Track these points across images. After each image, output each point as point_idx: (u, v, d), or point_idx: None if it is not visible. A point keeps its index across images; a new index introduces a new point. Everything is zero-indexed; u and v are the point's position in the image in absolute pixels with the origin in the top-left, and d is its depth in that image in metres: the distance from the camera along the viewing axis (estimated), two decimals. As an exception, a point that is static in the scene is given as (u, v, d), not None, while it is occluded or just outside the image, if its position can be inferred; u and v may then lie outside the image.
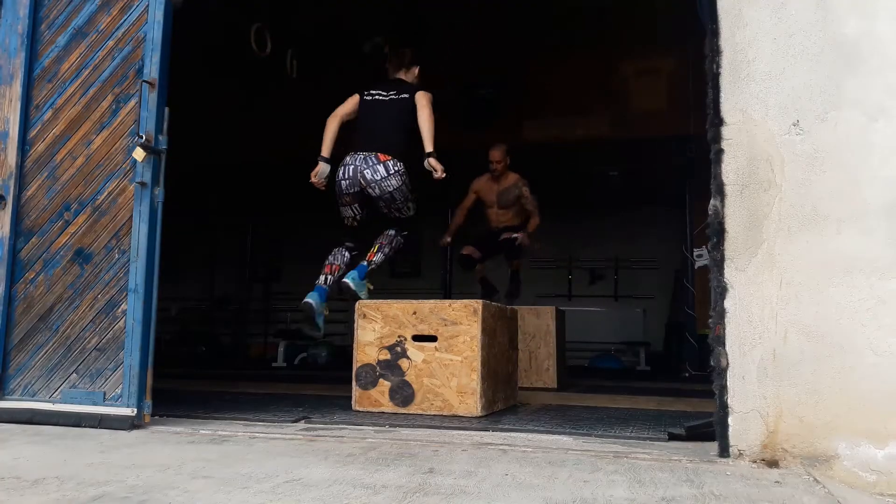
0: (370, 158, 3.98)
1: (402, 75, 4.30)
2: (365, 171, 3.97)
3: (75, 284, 3.23)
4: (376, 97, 4.16)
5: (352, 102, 4.23)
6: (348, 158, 4.06)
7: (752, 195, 2.45)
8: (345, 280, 3.93)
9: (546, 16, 7.63)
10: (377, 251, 4.04)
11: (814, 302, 2.36)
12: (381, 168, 3.94)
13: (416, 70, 4.34)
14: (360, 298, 3.86)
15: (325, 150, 4.16)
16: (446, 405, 3.52)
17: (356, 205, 4.08)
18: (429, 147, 4.02)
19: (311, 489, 1.96)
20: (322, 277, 4.07)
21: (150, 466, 2.26)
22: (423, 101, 4.07)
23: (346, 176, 4.03)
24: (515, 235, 6.07)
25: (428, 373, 3.57)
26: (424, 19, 7.89)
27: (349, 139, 4.12)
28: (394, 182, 3.97)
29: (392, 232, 4.11)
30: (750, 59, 2.52)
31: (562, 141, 8.29)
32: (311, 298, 3.97)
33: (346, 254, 4.11)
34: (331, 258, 4.14)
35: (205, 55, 7.45)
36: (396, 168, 3.98)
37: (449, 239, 6.31)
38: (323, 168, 4.14)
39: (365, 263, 3.99)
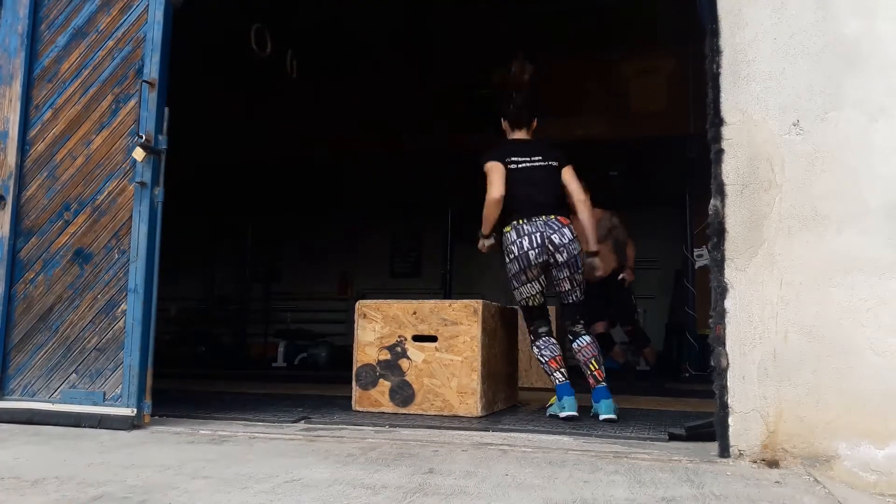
0: (553, 223, 3.57)
1: (525, 134, 3.90)
2: (552, 236, 3.55)
3: (75, 284, 3.23)
4: (522, 164, 3.71)
5: (501, 174, 3.67)
6: (526, 227, 3.57)
7: (752, 195, 2.45)
8: (610, 416, 3.44)
9: (546, 16, 7.63)
10: (599, 367, 3.59)
11: (814, 302, 2.36)
12: (566, 231, 3.57)
13: (535, 123, 3.97)
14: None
15: (488, 230, 3.72)
16: (446, 405, 3.52)
17: (542, 277, 3.61)
18: (592, 246, 3.75)
19: (311, 489, 1.96)
20: (558, 375, 3.59)
21: (150, 466, 2.25)
22: (573, 181, 3.73)
23: (534, 245, 3.53)
24: (622, 276, 5.75)
25: (428, 373, 3.57)
26: (425, 19, 7.89)
27: (503, 211, 3.66)
28: (578, 246, 3.60)
29: (589, 339, 3.64)
30: (750, 59, 2.52)
31: (562, 141, 8.28)
32: (571, 410, 3.46)
33: (553, 340, 3.66)
34: (547, 353, 3.64)
35: (205, 55, 7.44)
36: (575, 234, 3.62)
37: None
38: (490, 242, 3.76)
39: (603, 385, 3.55)
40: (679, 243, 8.59)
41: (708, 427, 2.60)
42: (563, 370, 3.60)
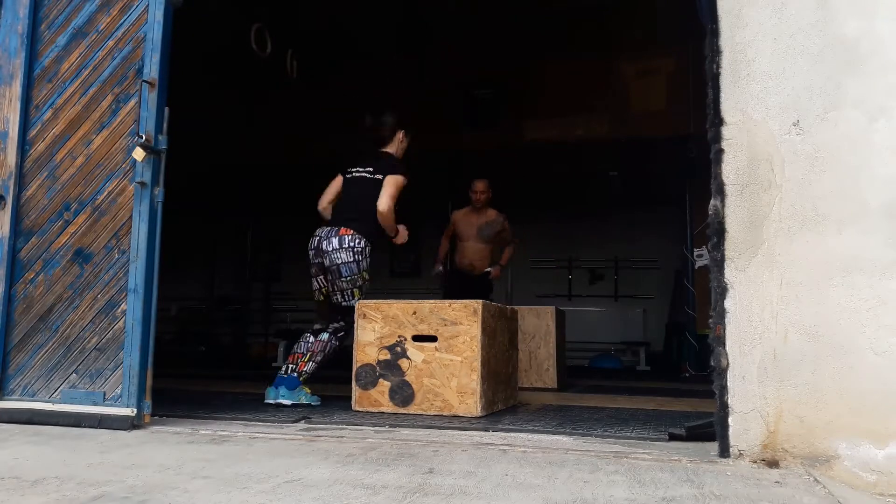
0: (331, 231, 4.03)
1: (386, 147, 4.32)
2: (323, 242, 4.00)
3: (75, 284, 3.23)
4: (354, 174, 4.23)
5: (336, 183, 4.32)
6: (318, 231, 4.11)
7: (752, 195, 2.45)
8: (278, 401, 3.78)
9: (546, 16, 7.63)
10: (308, 360, 3.91)
11: (814, 302, 2.36)
12: (335, 240, 3.97)
13: (400, 135, 4.36)
14: (305, 404, 3.80)
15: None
16: (446, 405, 3.52)
17: (320, 276, 4.06)
18: (390, 233, 4.15)
19: (311, 489, 1.96)
20: (284, 367, 3.93)
21: (150, 466, 2.25)
22: (385, 191, 4.06)
23: (312, 246, 4.07)
24: (488, 270, 6.13)
25: (428, 373, 3.57)
26: (425, 20, 7.89)
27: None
28: (343, 256, 3.95)
29: (325, 336, 3.96)
30: (750, 59, 2.52)
31: (562, 141, 8.30)
32: (269, 397, 3.82)
33: (311, 338, 3.98)
34: (295, 346, 4.01)
35: (205, 55, 7.45)
36: (352, 244, 3.96)
37: (440, 267, 6.28)
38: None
39: (295, 375, 3.85)
40: (679, 243, 8.60)
41: (708, 427, 2.60)
42: (289, 366, 3.92)
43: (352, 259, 3.95)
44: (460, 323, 3.56)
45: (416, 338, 3.63)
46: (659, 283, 10.13)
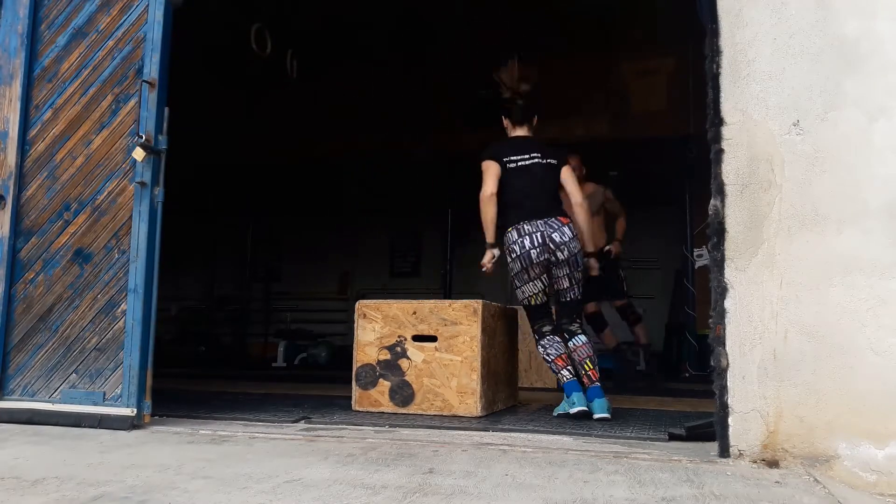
0: (553, 222, 3.61)
1: (527, 132, 3.96)
2: (553, 234, 3.58)
3: (75, 284, 3.23)
4: (520, 163, 3.75)
5: (495, 172, 3.74)
6: (527, 227, 3.60)
7: (752, 195, 2.45)
8: (604, 415, 3.44)
9: (546, 16, 7.63)
10: (594, 366, 3.59)
11: (814, 302, 2.36)
12: (566, 230, 3.61)
13: (535, 121, 4.01)
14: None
15: (492, 236, 3.71)
16: (446, 405, 3.52)
17: (544, 276, 3.63)
18: (589, 247, 3.84)
19: (311, 489, 1.96)
20: (565, 372, 3.59)
21: (150, 466, 2.25)
22: (572, 183, 3.77)
23: (536, 244, 3.57)
24: (608, 248, 5.68)
25: (428, 373, 3.57)
26: (425, 19, 7.89)
27: (503, 210, 3.71)
28: (577, 245, 3.64)
29: (584, 339, 3.66)
30: (750, 59, 2.52)
31: (562, 141, 8.29)
32: (581, 405, 3.50)
33: (557, 339, 3.65)
34: (552, 351, 3.63)
35: (205, 55, 7.45)
36: (575, 232, 3.67)
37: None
38: (495, 253, 3.75)
39: (598, 386, 3.56)
40: (679, 243, 8.59)
41: (708, 427, 2.60)
42: (569, 367, 3.62)
43: (580, 248, 3.68)
44: (460, 323, 3.56)
45: (416, 338, 3.63)
46: (659, 283, 10.12)
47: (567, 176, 3.78)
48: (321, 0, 7.15)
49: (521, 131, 3.94)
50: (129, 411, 3.03)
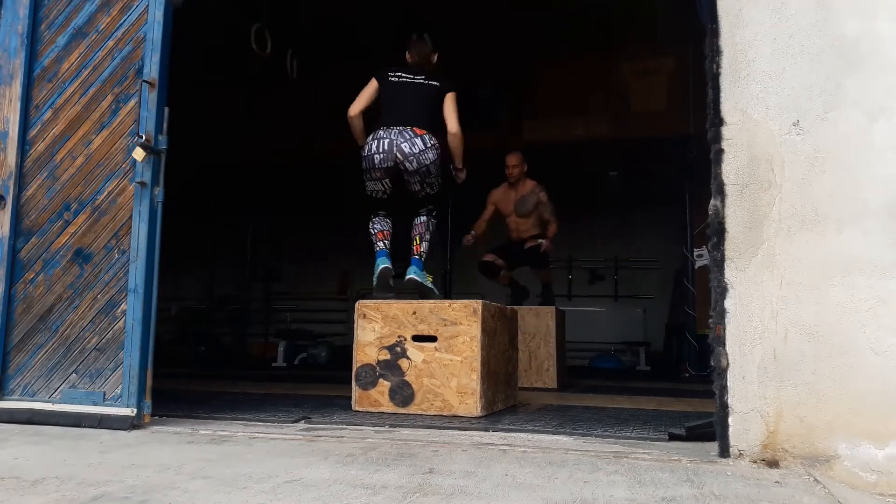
0: (406, 132, 3.88)
1: (422, 63, 4.25)
2: (402, 145, 3.85)
3: (75, 284, 3.23)
4: (402, 79, 4.07)
5: (371, 87, 4.11)
6: (381, 132, 3.92)
7: (752, 195, 2.45)
8: (410, 276, 3.84)
9: (546, 16, 7.63)
10: (420, 242, 3.96)
11: (814, 302, 2.36)
12: (419, 141, 3.86)
13: (434, 58, 4.31)
14: (429, 289, 3.85)
15: (363, 141, 4.07)
16: (446, 405, 3.52)
17: (387, 180, 3.96)
18: (458, 163, 4.14)
19: (311, 489, 1.96)
20: (379, 244, 3.99)
21: (150, 466, 2.25)
22: (450, 110, 4.02)
23: (381, 150, 3.88)
24: (540, 241, 6.00)
25: (428, 373, 3.57)
26: (425, 19, 7.88)
27: (376, 116, 4.03)
28: (430, 156, 3.89)
29: (423, 219, 4.03)
30: (750, 59, 2.52)
31: (562, 141, 8.30)
32: (385, 263, 3.88)
33: (388, 220, 4.01)
34: (377, 226, 4.05)
35: (205, 55, 7.45)
36: (433, 142, 3.91)
37: (472, 236, 6.08)
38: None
39: (416, 257, 3.90)
40: (679, 243, 8.59)
41: (708, 427, 2.60)
42: (385, 241, 4.02)
43: (436, 157, 3.91)
44: (460, 323, 3.56)
45: (416, 338, 3.63)
46: (659, 283, 10.13)
47: (449, 103, 4.01)
48: (321, 0, 7.15)
49: (415, 59, 4.22)
50: (129, 411, 3.03)
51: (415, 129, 3.89)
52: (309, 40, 7.85)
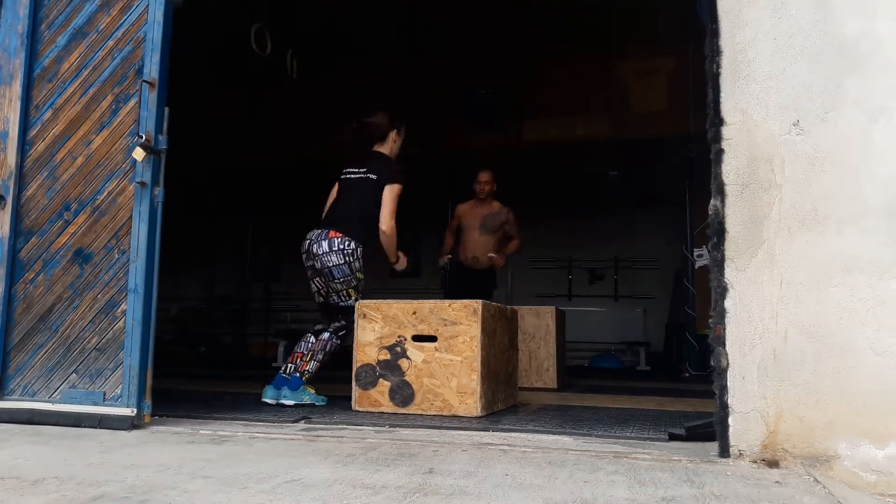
0: (321, 234, 3.99)
1: (379, 147, 4.26)
2: (313, 245, 3.99)
3: (75, 284, 3.23)
4: (349, 176, 4.17)
5: (335, 188, 4.27)
6: (309, 234, 4.09)
7: (752, 195, 2.45)
8: (280, 401, 3.78)
9: (546, 16, 7.63)
10: (310, 360, 3.91)
11: (814, 302, 2.36)
12: (325, 244, 3.94)
13: (393, 135, 4.27)
14: (308, 404, 3.79)
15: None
16: (446, 405, 3.52)
17: (317, 279, 4.03)
18: (392, 258, 4.18)
19: (311, 489, 1.96)
20: (284, 366, 3.95)
21: (150, 466, 2.25)
22: (386, 204, 4.03)
23: (304, 249, 4.06)
24: (491, 257, 6.07)
25: (428, 373, 3.57)
26: (425, 19, 7.89)
27: None
28: (333, 259, 3.92)
29: (325, 335, 3.98)
30: (750, 59, 2.52)
31: (562, 141, 8.30)
32: (266, 397, 3.82)
33: (311, 338, 3.99)
34: (296, 346, 4.02)
35: (205, 55, 7.45)
36: (342, 246, 3.92)
37: (446, 259, 6.26)
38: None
39: (298, 374, 3.86)
40: (679, 243, 8.60)
41: (708, 427, 2.60)
42: (290, 364, 3.93)
43: (342, 261, 3.92)
44: (460, 323, 3.56)
45: (416, 338, 3.63)
46: (659, 283, 10.13)
47: (385, 195, 4.04)
48: (321, 0, 7.15)
49: (378, 146, 4.26)
50: (129, 411, 3.03)
51: (330, 231, 3.98)
52: (309, 40, 7.84)
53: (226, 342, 11.14)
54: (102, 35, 3.36)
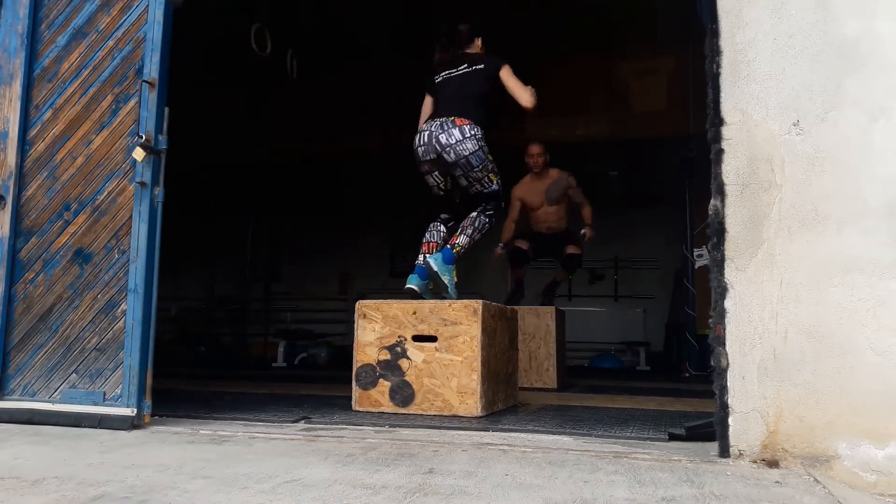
0: (446, 123, 3.82)
1: (465, 49, 4.13)
2: (440, 136, 3.80)
3: (75, 284, 3.23)
4: (445, 75, 4.01)
5: (427, 103, 4.10)
6: (424, 125, 3.93)
7: (752, 195, 2.45)
8: (427, 259, 3.76)
9: (546, 16, 7.63)
10: (460, 234, 3.83)
11: (814, 302, 2.36)
12: (455, 131, 3.77)
13: (478, 42, 4.17)
14: (444, 285, 3.74)
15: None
16: (446, 405, 3.52)
17: (436, 173, 3.89)
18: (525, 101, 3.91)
19: (311, 489, 1.96)
20: (420, 256, 3.88)
21: (150, 466, 2.25)
22: (513, 84, 3.88)
23: (422, 142, 3.87)
24: (583, 232, 5.96)
25: (428, 373, 3.57)
26: (425, 19, 7.88)
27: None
28: (469, 146, 3.77)
29: (473, 214, 3.87)
30: (750, 59, 2.52)
31: (562, 141, 8.29)
32: (411, 283, 3.80)
33: (442, 227, 3.91)
34: (427, 235, 3.94)
35: (205, 55, 7.45)
36: (473, 132, 3.80)
37: (501, 248, 6.10)
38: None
39: (448, 247, 3.79)
40: (679, 243, 8.60)
41: (708, 427, 2.60)
42: (426, 255, 3.87)
43: (477, 147, 3.79)
44: (460, 323, 3.56)
45: (416, 338, 3.63)
46: (659, 283, 10.13)
47: (506, 77, 3.89)
48: (321, 0, 7.15)
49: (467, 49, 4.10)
50: (129, 411, 3.03)
51: (455, 119, 3.82)
52: (309, 40, 7.84)
53: (226, 342, 11.15)
54: (102, 35, 3.36)
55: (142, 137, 3.12)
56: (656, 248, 10.03)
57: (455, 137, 3.76)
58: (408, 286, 3.79)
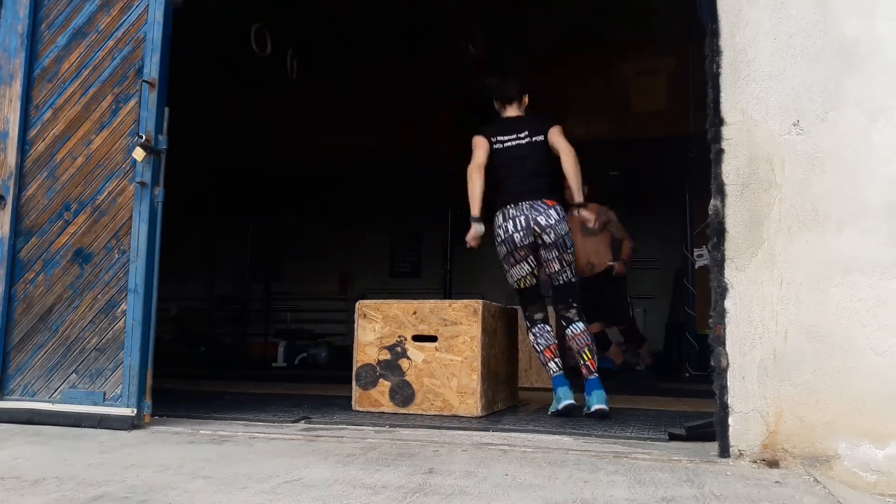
0: (539, 205, 3.62)
1: (516, 111, 3.97)
2: (538, 218, 3.59)
3: (75, 284, 3.23)
4: (508, 143, 3.79)
5: (483, 148, 3.78)
6: (512, 210, 3.64)
7: (752, 195, 2.45)
8: (599, 407, 3.49)
9: (546, 16, 7.63)
10: (592, 356, 3.60)
11: (814, 302, 2.36)
12: (552, 212, 3.60)
13: (526, 99, 4.01)
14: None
15: (477, 210, 3.68)
16: (446, 405, 3.52)
17: (531, 258, 3.66)
18: (578, 197, 3.74)
19: (311, 489, 1.96)
20: (552, 365, 3.64)
21: (150, 466, 2.25)
22: (559, 140, 3.75)
23: (519, 227, 3.60)
24: (617, 283, 5.83)
25: (428, 373, 3.57)
26: (425, 19, 7.88)
27: (493, 191, 3.73)
28: (565, 227, 3.63)
29: (580, 326, 3.64)
30: (750, 59, 2.52)
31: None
32: (568, 399, 3.54)
33: (546, 326, 3.69)
34: (542, 342, 3.67)
35: (205, 55, 7.44)
36: (562, 214, 3.67)
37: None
38: (479, 228, 3.71)
39: (596, 378, 3.56)
40: (679, 243, 8.60)
41: (708, 427, 2.60)
42: (557, 360, 3.67)
43: (567, 230, 3.65)
44: (460, 323, 3.56)
45: (417, 338, 3.63)
46: (659, 283, 10.12)
47: (555, 135, 3.77)
48: (321, 0, 7.15)
49: (510, 111, 3.96)
50: (129, 411, 3.03)
51: (545, 200, 3.64)
52: (309, 40, 7.84)
53: (226, 342, 11.14)
54: (102, 35, 3.36)
55: (142, 137, 3.12)
56: (656, 248, 10.02)
57: (553, 218, 3.60)
58: (567, 404, 3.54)
